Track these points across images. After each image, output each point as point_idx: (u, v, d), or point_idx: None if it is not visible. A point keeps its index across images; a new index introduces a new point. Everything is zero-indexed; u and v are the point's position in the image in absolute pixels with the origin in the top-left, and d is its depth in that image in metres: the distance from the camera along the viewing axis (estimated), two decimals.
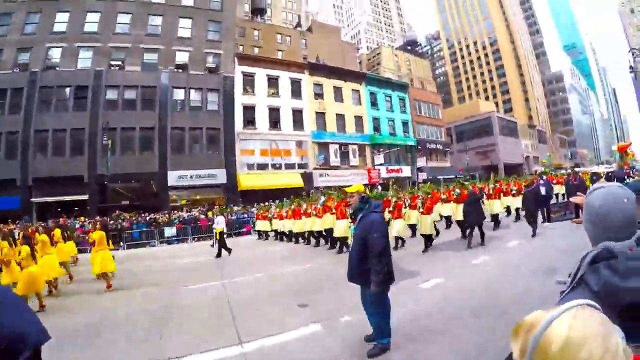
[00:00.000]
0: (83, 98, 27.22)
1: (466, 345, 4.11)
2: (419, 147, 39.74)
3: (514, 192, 15.41)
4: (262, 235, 19.46)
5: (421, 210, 11.34)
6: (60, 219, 21.70)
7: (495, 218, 13.20)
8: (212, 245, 16.22)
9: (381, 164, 34.79)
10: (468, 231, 10.19)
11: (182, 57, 29.79)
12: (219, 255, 13.30)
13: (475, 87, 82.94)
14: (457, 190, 13.14)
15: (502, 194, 15.16)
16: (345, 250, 11.03)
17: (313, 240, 14.26)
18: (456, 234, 11.97)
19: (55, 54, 28.00)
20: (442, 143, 43.95)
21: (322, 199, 14.22)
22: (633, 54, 24.13)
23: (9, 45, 27.36)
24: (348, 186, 5.04)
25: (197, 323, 5.67)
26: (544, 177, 13.53)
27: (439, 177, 36.86)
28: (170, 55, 29.53)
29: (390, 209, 11.64)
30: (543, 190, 11.92)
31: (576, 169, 26.43)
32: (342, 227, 11.26)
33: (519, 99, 76.84)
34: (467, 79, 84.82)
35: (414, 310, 5.28)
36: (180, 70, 29.54)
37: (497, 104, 73.19)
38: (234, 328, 5.29)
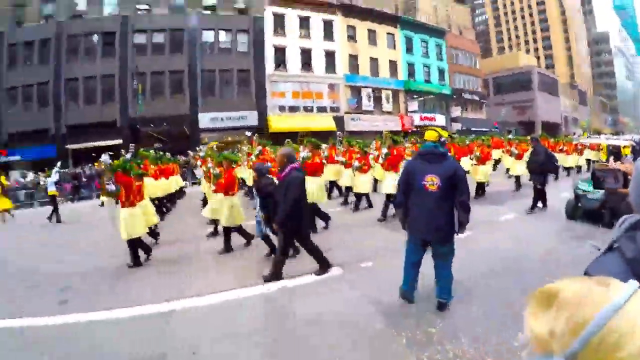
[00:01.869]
0: (111, 44, 27.21)
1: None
2: (454, 96, 38.12)
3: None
4: None
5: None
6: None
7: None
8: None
9: (414, 111, 33.61)
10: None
11: None
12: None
13: (516, 38, 78.36)
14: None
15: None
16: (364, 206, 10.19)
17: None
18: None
19: (81, 2, 27.84)
20: (478, 94, 42.02)
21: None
22: None
23: None
24: (379, 132, 5.01)
25: None
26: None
27: (472, 128, 35.60)
28: None
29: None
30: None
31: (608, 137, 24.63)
32: (366, 182, 9.87)
33: (562, 56, 72.51)
34: (508, 29, 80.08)
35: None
36: (209, 12, 28.91)
37: (538, 59, 69.16)
38: None
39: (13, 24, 27.46)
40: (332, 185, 12.35)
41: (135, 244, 6.48)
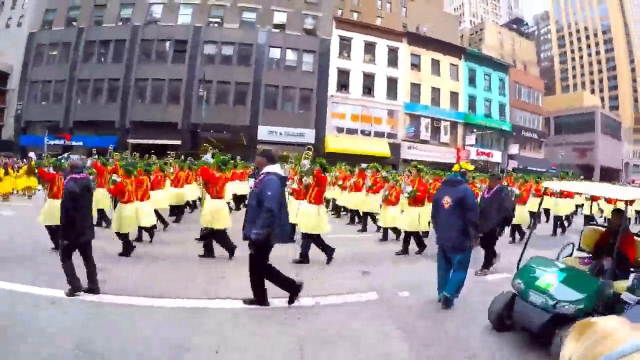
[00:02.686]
0: (182, 51, 29.06)
1: None
2: (514, 133, 37.23)
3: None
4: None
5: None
6: None
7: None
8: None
9: (472, 145, 33.16)
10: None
11: (280, 17, 30.23)
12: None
13: (581, 77, 75.64)
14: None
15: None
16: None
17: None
18: None
19: (157, 10, 30.15)
20: (538, 132, 40.79)
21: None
22: None
23: (113, 0, 29.97)
24: (434, 162, 5.41)
25: None
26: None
27: (529, 167, 34.59)
28: (269, 15, 30.11)
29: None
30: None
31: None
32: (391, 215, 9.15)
33: (627, 97, 69.27)
34: (573, 67, 77.48)
35: None
36: (278, 30, 30.00)
37: (602, 99, 66.45)
38: None
39: (93, 23, 29.98)
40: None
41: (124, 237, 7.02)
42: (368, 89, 30.47)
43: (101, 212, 9.29)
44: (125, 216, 7.12)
